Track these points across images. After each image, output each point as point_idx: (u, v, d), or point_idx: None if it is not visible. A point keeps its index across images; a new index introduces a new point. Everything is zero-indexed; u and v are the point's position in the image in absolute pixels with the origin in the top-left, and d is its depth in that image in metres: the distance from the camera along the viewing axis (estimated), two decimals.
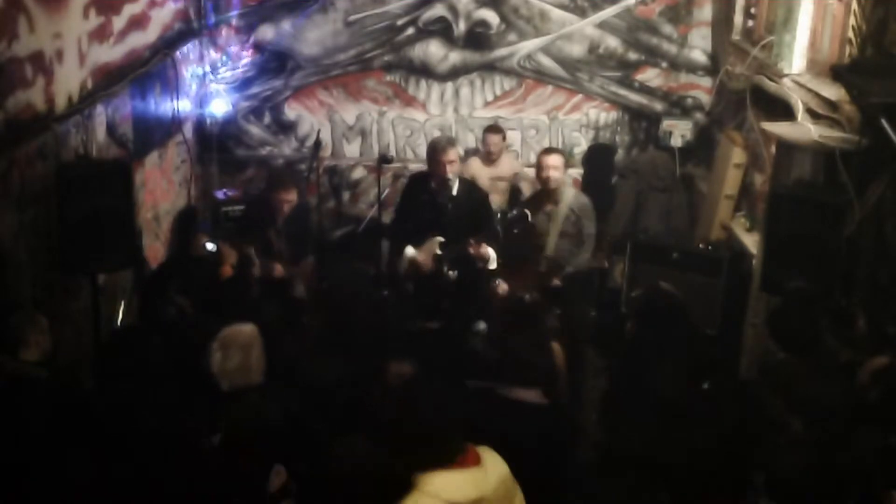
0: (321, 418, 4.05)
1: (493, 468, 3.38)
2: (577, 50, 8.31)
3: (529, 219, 6.15)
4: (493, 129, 7.77)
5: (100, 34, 5.60)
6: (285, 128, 8.45)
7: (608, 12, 8.17)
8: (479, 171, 7.42)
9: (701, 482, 3.57)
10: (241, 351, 4.07)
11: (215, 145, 8.21)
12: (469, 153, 7.93)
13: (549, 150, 6.67)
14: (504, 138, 7.70)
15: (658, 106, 8.39)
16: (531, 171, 8.36)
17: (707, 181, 7.88)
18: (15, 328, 4.16)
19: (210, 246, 5.78)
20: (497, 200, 7.48)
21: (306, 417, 4.06)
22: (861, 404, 3.81)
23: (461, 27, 8.23)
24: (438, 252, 6.11)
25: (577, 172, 8.24)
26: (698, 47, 8.26)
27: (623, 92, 8.40)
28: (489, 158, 7.63)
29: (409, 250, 6.00)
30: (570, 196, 6.46)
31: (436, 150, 6.12)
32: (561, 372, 4.65)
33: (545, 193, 6.47)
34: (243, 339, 4.11)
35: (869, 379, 3.92)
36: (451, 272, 6.26)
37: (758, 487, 3.45)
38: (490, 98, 8.45)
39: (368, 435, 3.60)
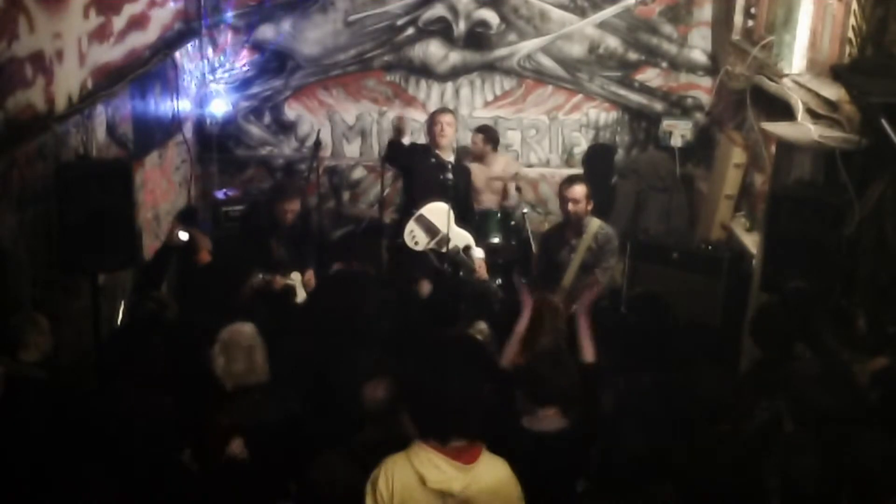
0: (322, 420, 4.06)
1: (484, 476, 3.38)
2: (577, 50, 8.31)
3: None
4: (478, 128, 7.72)
5: (100, 34, 5.60)
6: (285, 128, 8.45)
7: (608, 12, 8.16)
8: (475, 170, 7.40)
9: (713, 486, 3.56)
10: (245, 353, 4.08)
11: (215, 145, 8.20)
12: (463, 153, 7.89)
13: (571, 181, 6.16)
14: (485, 140, 7.55)
15: (658, 106, 8.38)
16: (531, 171, 8.41)
17: (707, 181, 7.88)
18: (15, 329, 4.16)
19: (183, 235, 5.80)
20: (495, 200, 7.49)
21: (306, 418, 4.07)
22: (861, 406, 3.80)
23: (461, 27, 8.23)
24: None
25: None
26: (698, 47, 8.25)
27: (623, 92, 8.40)
28: (474, 156, 7.58)
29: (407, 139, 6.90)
30: (595, 227, 6.11)
31: (435, 112, 7.12)
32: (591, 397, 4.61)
33: (568, 225, 6.18)
34: (245, 341, 4.12)
35: (869, 380, 3.92)
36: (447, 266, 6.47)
37: (771, 492, 3.44)
38: (490, 98, 8.45)
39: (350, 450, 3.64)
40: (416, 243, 6.73)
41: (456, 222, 6.72)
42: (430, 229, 6.71)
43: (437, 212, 6.69)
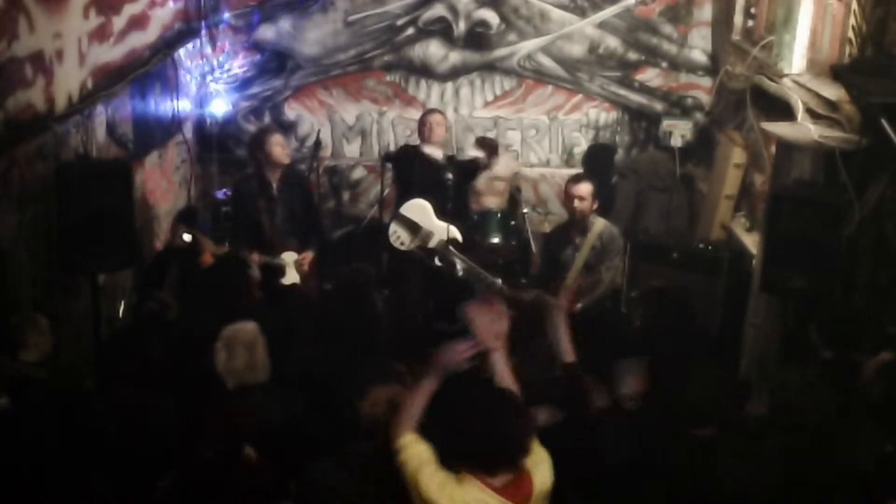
0: (323, 420, 4.06)
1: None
2: (577, 50, 8.31)
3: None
4: (478, 142, 7.55)
5: (100, 34, 5.61)
6: (285, 128, 8.42)
7: (608, 12, 8.16)
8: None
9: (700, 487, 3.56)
10: (246, 349, 4.09)
11: (215, 145, 8.20)
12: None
13: (577, 178, 6.17)
14: (487, 156, 7.34)
15: (658, 106, 8.38)
16: (530, 172, 8.41)
17: (707, 181, 7.88)
18: (15, 329, 4.16)
19: (187, 237, 5.79)
20: (496, 202, 7.47)
21: (308, 419, 4.06)
22: (862, 403, 3.81)
23: (461, 27, 8.23)
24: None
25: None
26: (698, 47, 8.25)
27: (623, 92, 8.40)
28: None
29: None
30: (599, 227, 6.10)
31: (424, 113, 7.16)
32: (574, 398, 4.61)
33: (572, 223, 6.16)
34: (247, 338, 4.12)
35: (873, 374, 3.92)
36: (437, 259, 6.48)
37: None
38: (490, 98, 8.44)
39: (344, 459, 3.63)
40: (402, 243, 6.70)
41: (437, 216, 6.67)
42: (412, 227, 6.69)
43: (416, 208, 6.67)
